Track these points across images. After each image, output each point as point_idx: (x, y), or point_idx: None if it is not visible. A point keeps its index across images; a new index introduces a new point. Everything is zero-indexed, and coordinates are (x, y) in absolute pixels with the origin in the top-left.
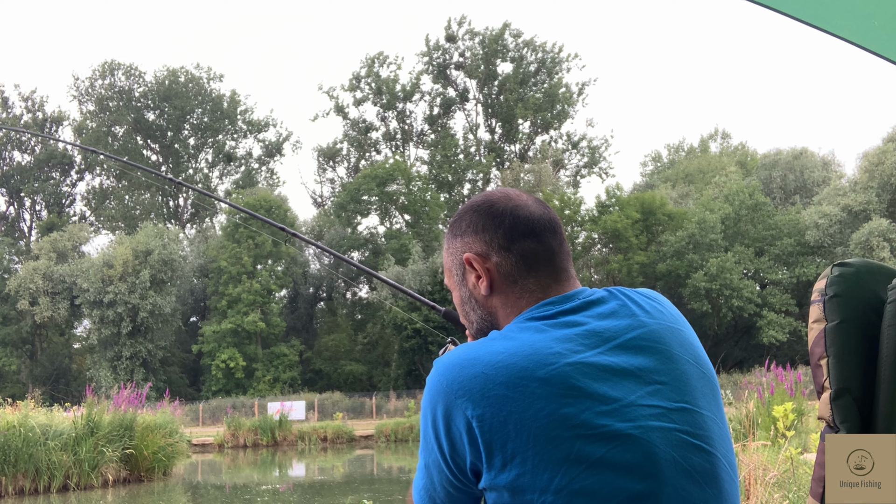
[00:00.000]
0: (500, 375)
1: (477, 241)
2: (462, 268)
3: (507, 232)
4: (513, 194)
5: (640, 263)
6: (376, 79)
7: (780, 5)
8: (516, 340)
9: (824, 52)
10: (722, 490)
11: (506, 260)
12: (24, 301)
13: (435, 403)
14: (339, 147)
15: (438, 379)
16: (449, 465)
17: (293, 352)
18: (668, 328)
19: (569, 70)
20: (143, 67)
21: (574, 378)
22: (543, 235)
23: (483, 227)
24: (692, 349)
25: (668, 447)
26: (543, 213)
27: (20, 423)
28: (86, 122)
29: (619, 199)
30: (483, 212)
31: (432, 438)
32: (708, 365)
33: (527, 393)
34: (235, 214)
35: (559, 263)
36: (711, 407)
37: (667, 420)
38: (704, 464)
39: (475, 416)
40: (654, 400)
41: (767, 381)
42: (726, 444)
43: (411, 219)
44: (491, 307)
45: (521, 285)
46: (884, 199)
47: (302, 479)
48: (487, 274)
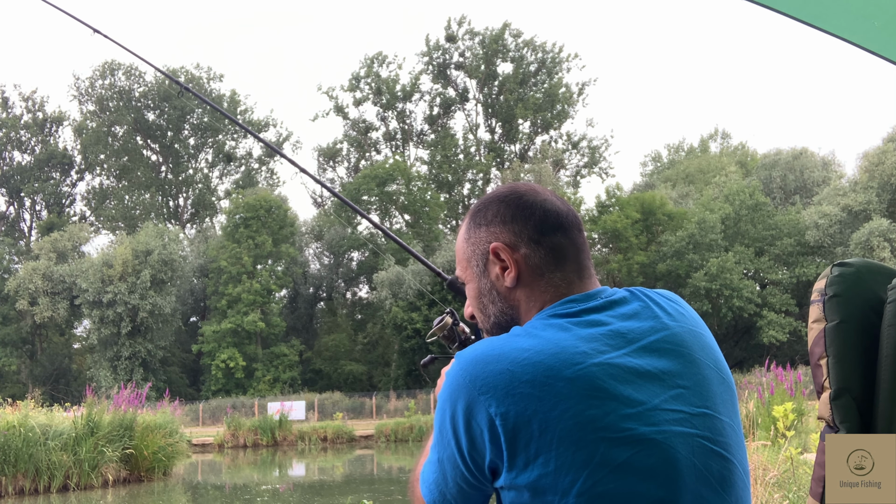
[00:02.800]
0: (525, 373)
1: (506, 232)
2: (485, 258)
3: (539, 224)
4: (538, 188)
5: (640, 263)
6: (376, 79)
7: (780, 5)
8: (541, 338)
9: (824, 52)
10: (738, 498)
11: (535, 252)
12: (24, 301)
13: (456, 398)
14: (339, 147)
15: (461, 373)
16: (466, 462)
17: (293, 352)
18: (689, 331)
19: (569, 70)
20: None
21: (600, 379)
22: (571, 231)
23: (513, 218)
24: (713, 353)
25: (689, 453)
26: (569, 210)
27: (20, 423)
28: (86, 122)
29: (619, 199)
30: (512, 202)
31: (450, 433)
32: (727, 370)
33: (553, 392)
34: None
35: (583, 261)
36: (730, 412)
37: (689, 426)
38: (723, 471)
39: (499, 414)
40: (676, 405)
41: (767, 381)
42: (742, 451)
43: (411, 219)
44: (514, 300)
45: (547, 279)
46: (884, 199)
47: (302, 479)
48: (516, 265)
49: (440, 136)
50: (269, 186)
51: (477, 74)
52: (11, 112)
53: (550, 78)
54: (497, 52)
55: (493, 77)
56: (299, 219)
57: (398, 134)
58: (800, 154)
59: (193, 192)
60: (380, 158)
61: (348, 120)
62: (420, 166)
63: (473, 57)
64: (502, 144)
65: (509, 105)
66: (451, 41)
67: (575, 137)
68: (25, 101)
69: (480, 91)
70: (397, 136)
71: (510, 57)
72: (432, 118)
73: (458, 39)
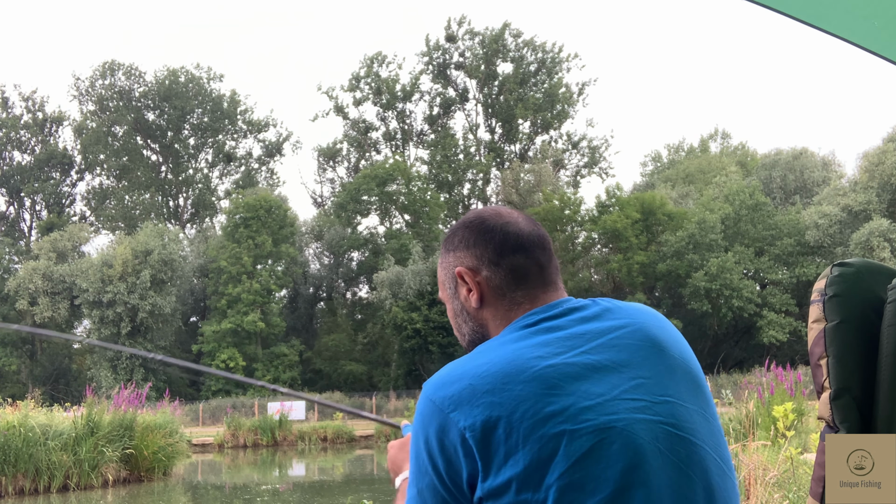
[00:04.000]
0: (485, 384)
1: (468, 256)
2: (454, 281)
3: (497, 247)
4: (504, 212)
5: (640, 263)
6: (376, 79)
7: (780, 5)
8: (498, 352)
9: (824, 52)
10: (711, 482)
11: (495, 274)
12: (24, 301)
13: (427, 424)
14: (339, 147)
15: (427, 401)
16: (445, 484)
17: (293, 352)
18: (653, 326)
19: (569, 70)
20: (143, 67)
21: (555, 378)
22: (532, 251)
23: (474, 243)
24: (678, 347)
25: (652, 438)
26: (533, 230)
27: (20, 423)
28: (86, 122)
29: (619, 199)
30: (474, 228)
31: (426, 459)
32: (694, 363)
33: (512, 396)
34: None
35: (547, 277)
36: (699, 402)
37: (651, 413)
38: (692, 455)
39: (467, 427)
40: (637, 394)
41: (767, 381)
42: (716, 439)
43: (411, 219)
44: (482, 319)
45: (509, 298)
46: (884, 199)
47: (302, 479)
48: (478, 287)
49: (440, 136)
50: (269, 186)
51: (477, 74)
52: (11, 112)
53: (550, 78)
54: (497, 52)
55: (493, 77)
56: (299, 219)
57: (398, 134)
58: (800, 154)
59: (193, 192)
60: (380, 158)
61: (348, 120)
62: (420, 166)
63: (473, 57)
64: (502, 144)
65: (509, 105)
66: (451, 41)
67: (575, 137)
68: (25, 101)
69: (480, 91)
70: (397, 136)
71: (510, 57)
72: (432, 118)
73: (458, 39)
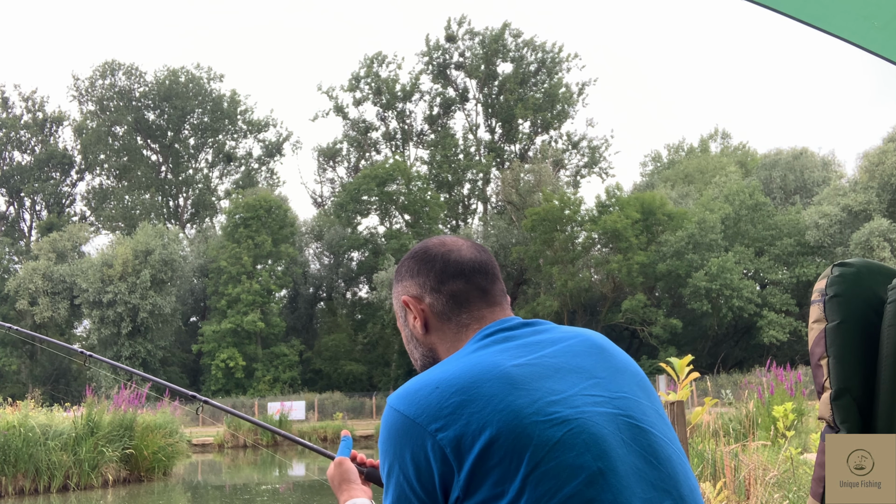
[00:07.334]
0: (453, 386)
1: (413, 285)
2: (403, 310)
3: (438, 274)
4: (448, 241)
5: (640, 263)
6: (376, 79)
7: (780, 5)
8: (461, 360)
9: (824, 52)
10: (675, 470)
11: (436, 300)
12: (24, 301)
13: (394, 434)
14: (339, 147)
15: (394, 413)
16: (416, 493)
17: (293, 352)
18: (595, 337)
19: (569, 70)
20: (143, 67)
21: (521, 376)
22: (472, 276)
23: (417, 272)
24: (622, 353)
25: (615, 429)
26: (475, 256)
27: (20, 423)
28: (86, 122)
29: (619, 199)
30: (418, 258)
31: (396, 470)
32: (638, 367)
33: (481, 394)
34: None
35: (491, 300)
36: (648, 399)
37: (610, 406)
38: (653, 444)
39: (437, 430)
40: (596, 391)
41: (767, 381)
42: (671, 433)
43: (411, 219)
44: (430, 344)
45: (455, 321)
46: (884, 199)
47: (302, 479)
48: (422, 314)
49: (440, 136)
50: (268, 186)
51: (477, 74)
52: (11, 112)
53: (550, 78)
54: (497, 52)
55: (493, 77)
56: (299, 219)
57: (398, 134)
58: (800, 154)
59: (193, 192)
60: (380, 158)
61: (348, 120)
62: (420, 166)
63: (473, 57)
64: (502, 144)
65: (509, 105)
66: (451, 41)
67: (575, 137)
68: (25, 101)
69: (480, 91)
70: (397, 136)
71: (510, 57)
72: (432, 118)
73: (458, 39)
